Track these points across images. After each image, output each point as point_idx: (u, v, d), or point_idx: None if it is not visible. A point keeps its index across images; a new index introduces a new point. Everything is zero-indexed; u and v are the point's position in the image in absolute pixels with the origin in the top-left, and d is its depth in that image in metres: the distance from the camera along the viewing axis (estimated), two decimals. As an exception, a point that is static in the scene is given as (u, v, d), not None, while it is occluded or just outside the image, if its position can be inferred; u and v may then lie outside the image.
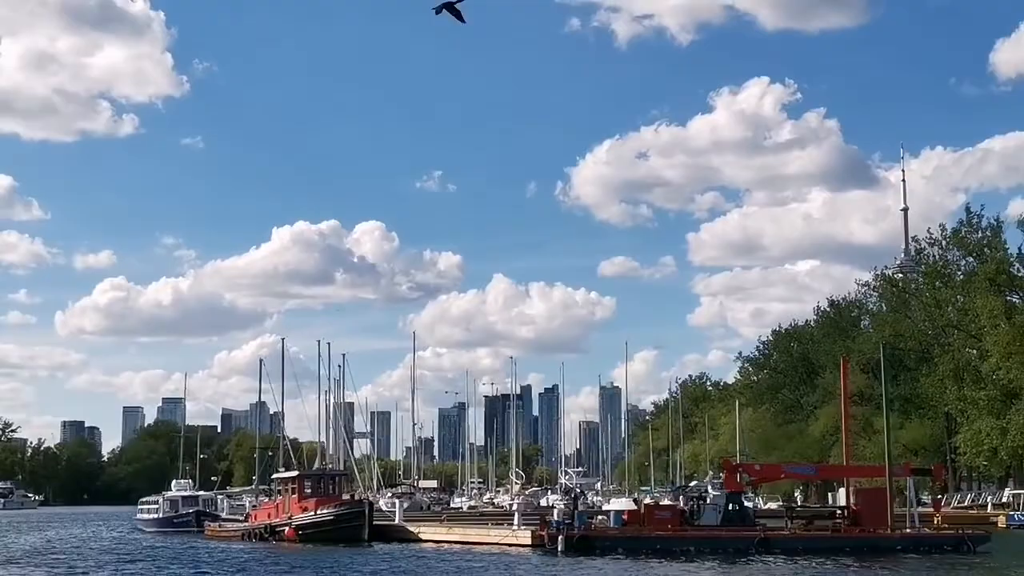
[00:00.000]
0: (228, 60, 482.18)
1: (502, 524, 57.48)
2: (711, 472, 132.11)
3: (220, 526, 73.41)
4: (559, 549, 47.67)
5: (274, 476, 73.40)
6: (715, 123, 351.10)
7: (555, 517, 51.66)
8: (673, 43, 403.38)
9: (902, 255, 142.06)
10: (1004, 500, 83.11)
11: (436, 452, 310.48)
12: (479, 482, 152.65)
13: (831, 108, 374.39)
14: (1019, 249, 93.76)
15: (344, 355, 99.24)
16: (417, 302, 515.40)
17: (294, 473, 65.40)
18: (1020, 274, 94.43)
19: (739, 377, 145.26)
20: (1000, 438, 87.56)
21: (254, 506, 76.36)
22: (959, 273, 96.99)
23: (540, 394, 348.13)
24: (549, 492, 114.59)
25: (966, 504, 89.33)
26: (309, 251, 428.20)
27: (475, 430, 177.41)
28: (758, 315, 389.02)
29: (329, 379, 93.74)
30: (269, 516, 64.45)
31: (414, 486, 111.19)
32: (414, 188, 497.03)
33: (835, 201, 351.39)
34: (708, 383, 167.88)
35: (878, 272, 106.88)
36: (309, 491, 62.27)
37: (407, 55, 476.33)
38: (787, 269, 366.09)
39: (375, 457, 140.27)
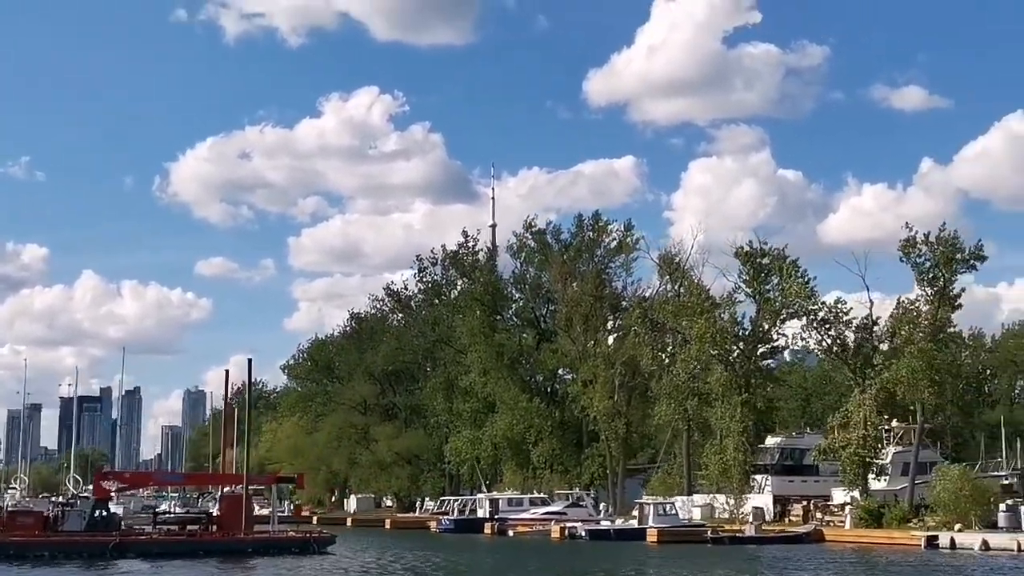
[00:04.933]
0: None
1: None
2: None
3: None
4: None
5: None
6: (323, 128, 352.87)
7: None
8: (284, 45, 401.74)
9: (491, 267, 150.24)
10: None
11: (2, 455, 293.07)
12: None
13: (436, 122, 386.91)
14: (512, 272, 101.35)
15: None
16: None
17: None
18: (514, 297, 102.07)
19: (291, 385, 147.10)
20: (477, 447, 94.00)
21: None
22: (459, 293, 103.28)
23: (121, 396, 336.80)
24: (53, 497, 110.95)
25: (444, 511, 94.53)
26: None
27: (48, 433, 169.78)
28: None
29: None
30: None
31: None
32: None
33: (436, 213, 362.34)
34: (264, 390, 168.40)
35: (386, 287, 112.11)
36: None
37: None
38: (386, 277, 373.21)
39: None
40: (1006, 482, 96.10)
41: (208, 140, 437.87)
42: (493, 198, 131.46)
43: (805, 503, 70.71)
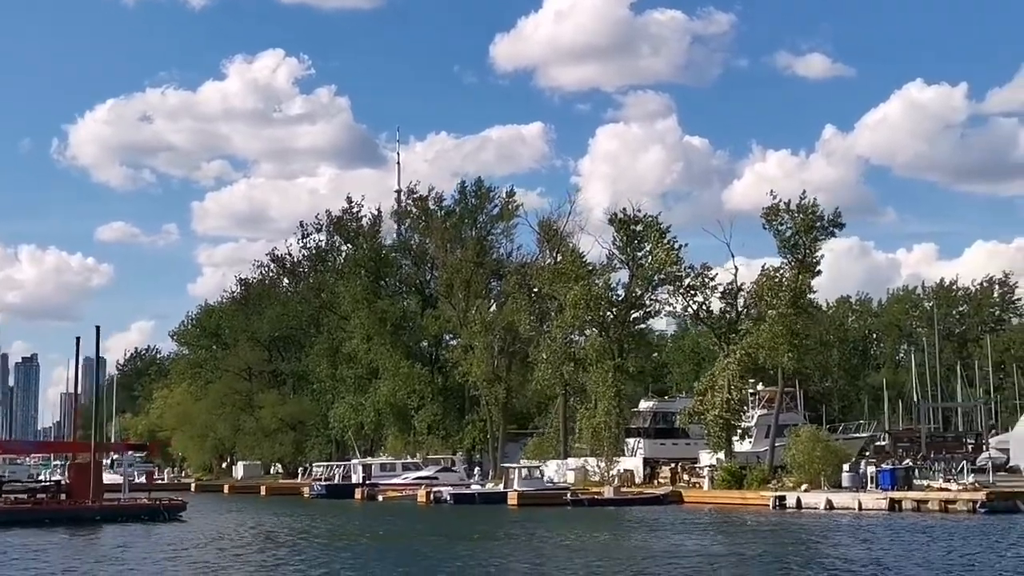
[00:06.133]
0: None
1: None
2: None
3: None
4: None
5: None
6: (226, 91, 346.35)
7: None
8: (186, 6, 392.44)
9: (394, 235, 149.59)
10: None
11: None
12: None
13: (343, 86, 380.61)
14: (397, 237, 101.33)
15: None
16: None
17: None
18: (400, 264, 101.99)
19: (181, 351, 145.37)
20: (361, 413, 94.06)
21: None
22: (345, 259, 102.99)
23: (18, 363, 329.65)
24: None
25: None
26: None
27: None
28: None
29: None
30: None
31: None
32: None
33: (342, 177, 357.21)
34: (157, 356, 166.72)
35: (270, 252, 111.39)
36: None
37: None
38: (292, 242, 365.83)
39: None
40: (880, 443, 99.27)
41: (108, 102, 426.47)
42: (398, 163, 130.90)
43: (673, 465, 72.20)
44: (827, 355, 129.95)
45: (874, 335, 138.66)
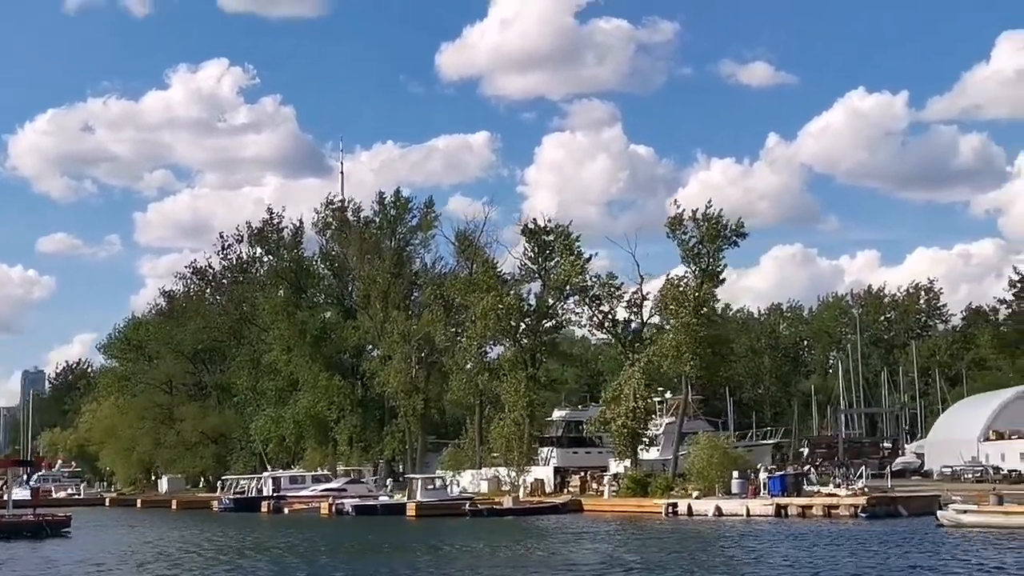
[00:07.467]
0: None
1: None
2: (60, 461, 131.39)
3: None
4: None
5: None
6: (170, 100, 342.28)
7: None
8: (128, 14, 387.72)
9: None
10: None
11: None
12: None
13: (288, 95, 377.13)
14: (319, 249, 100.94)
15: None
16: None
17: None
18: (323, 273, 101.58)
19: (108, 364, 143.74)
20: (281, 426, 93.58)
21: None
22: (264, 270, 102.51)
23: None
24: None
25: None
26: None
27: None
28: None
29: None
30: None
31: None
32: None
33: (287, 187, 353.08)
34: (89, 369, 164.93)
35: (190, 264, 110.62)
36: None
37: None
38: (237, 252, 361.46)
39: None
40: (802, 450, 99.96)
41: (48, 112, 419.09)
42: (342, 172, 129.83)
43: (583, 474, 72.50)
44: (758, 362, 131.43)
45: (805, 342, 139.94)
